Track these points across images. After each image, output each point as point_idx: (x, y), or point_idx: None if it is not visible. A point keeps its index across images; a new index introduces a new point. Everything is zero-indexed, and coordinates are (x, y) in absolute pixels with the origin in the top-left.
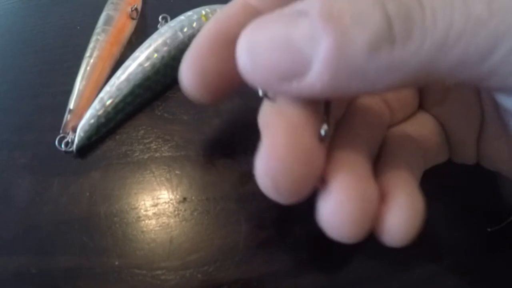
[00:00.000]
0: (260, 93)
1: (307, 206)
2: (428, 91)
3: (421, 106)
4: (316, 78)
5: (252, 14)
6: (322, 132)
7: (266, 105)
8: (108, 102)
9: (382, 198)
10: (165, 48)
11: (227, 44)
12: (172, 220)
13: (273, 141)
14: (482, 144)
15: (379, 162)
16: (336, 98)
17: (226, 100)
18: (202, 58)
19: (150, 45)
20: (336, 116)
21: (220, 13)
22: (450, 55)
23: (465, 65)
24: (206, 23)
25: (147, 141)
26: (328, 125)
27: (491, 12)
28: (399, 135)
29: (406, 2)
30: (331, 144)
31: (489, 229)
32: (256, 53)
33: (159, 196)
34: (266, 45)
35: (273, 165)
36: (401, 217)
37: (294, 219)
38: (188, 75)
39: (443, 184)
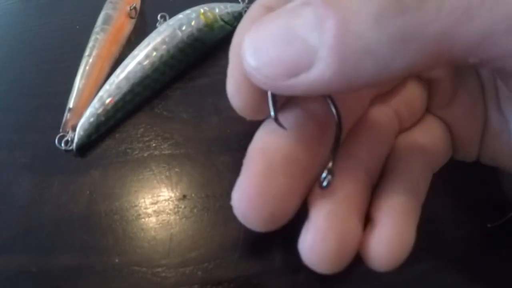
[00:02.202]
0: (272, 114)
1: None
2: (436, 94)
3: (428, 108)
4: (324, 66)
5: None
6: (325, 183)
7: (258, 136)
8: (108, 101)
9: (372, 222)
10: (164, 47)
11: None
12: (172, 218)
13: (249, 181)
14: (485, 142)
15: (385, 177)
16: (348, 91)
17: (225, 98)
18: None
19: (149, 44)
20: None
21: (245, 22)
22: (475, 21)
23: (493, 35)
24: (234, 37)
25: (147, 139)
26: (332, 172)
27: None
28: (408, 147)
29: None
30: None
31: (489, 225)
32: (260, 50)
33: (159, 194)
34: (269, 40)
35: (245, 205)
36: (383, 245)
37: (294, 217)
38: (240, 97)
39: (443, 181)
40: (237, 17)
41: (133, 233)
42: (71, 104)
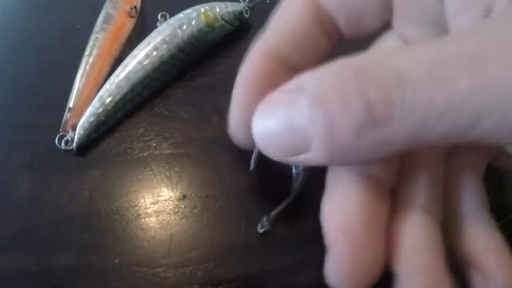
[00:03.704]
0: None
1: (307, 204)
2: None
3: None
4: (317, 153)
5: (275, 59)
6: (261, 230)
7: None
8: (108, 100)
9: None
10: (164, 46)
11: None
12: (172, 218)
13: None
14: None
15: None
16: (342, 166)
17: (225, 98)
18: (248, 114)
19: (149, 43)
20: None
21: (245, 70)
22: (434, 130)
23: (452, 135)
24: (236, 86)
25: (147, 138)
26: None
27: (475, 87)
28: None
29: (387, 84)
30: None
31: None
32: (266, 135)
33: (159, 194)
34: (273, 130)
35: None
36: None
37: (294, 216)
38: (241, 134)
39: None
40: (238, 16)
41: (133, 233)
42: (71, 103)
